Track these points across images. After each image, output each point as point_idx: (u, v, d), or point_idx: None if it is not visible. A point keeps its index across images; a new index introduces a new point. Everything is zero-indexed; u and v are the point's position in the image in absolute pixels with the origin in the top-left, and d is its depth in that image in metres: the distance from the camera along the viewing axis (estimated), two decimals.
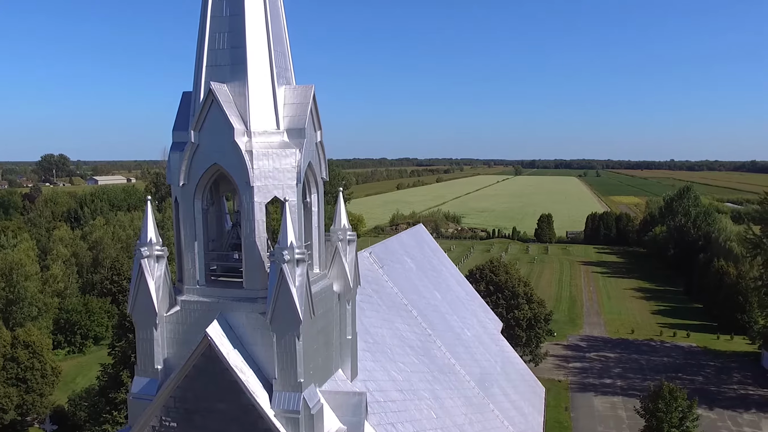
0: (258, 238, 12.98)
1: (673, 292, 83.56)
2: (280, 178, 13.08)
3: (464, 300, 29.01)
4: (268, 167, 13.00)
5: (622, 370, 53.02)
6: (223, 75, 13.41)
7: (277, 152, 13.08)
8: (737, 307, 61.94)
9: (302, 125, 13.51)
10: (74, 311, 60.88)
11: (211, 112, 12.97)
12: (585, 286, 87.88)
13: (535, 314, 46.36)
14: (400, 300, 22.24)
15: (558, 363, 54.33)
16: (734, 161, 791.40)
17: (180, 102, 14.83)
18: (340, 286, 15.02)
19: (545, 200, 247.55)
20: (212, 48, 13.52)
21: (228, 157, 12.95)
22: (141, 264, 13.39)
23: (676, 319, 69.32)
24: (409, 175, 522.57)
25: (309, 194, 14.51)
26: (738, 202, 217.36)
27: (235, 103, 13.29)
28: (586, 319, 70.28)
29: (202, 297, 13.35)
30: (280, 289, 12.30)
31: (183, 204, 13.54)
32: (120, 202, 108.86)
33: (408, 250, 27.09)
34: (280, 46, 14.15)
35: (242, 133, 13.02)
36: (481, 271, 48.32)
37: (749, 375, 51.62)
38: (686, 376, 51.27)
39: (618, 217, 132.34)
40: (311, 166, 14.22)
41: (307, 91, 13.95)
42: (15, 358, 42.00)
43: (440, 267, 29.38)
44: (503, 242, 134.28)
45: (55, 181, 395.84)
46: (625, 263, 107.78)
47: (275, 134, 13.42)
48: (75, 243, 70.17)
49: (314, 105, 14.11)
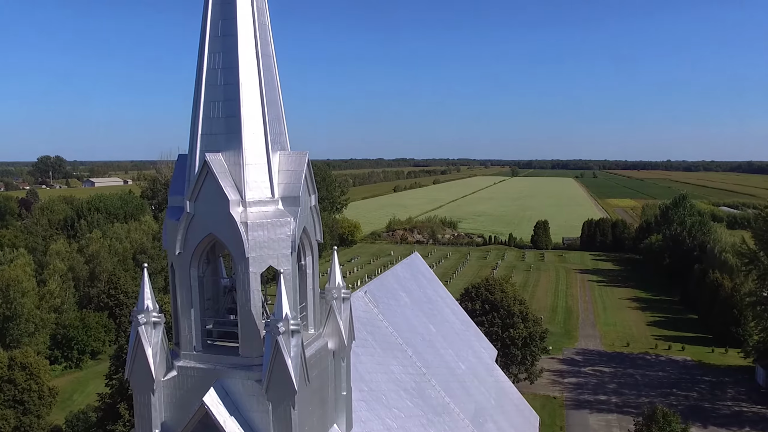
0: (254, 306, 13.18)
1: (669, 302, 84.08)
2: (275, 248, 13.28)
3: (459, 330, 29.26)
4: (263, 237, 13.17)
5: (617, 386, 53.36)
6: (218, 143, 13.58)
7: (272, 222, 13.27)
8: (732, 320, 62.46)
9: (297, 193, 13.73)
10: (71, 327, 60.94)
11: (206, 183, 13.15)
12: (581, 296, 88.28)
13: (530, 333, 46.65)
14: (395, 340, 22.46)
15: (553, 378, 54.63)
16: (730, 161, 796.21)
17: (176, 164, 15.05)
18: (334, 344, 15.24)
19: (542, 204, 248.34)
20: (207, 116, 13.70)
21: (223, 227, 13.14)
22: (138, 331, 13.55)
23: (671, 331, 69.78)
24: (405, 176, 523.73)
25: (304, 257, 14.72)
26: (734, 206, 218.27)
27: (230, 172, 13.47)
28: (582, 331, 70.63)
29: (198, 363, 13.55)
30: (275, 360, 12.51)
31: (179, 271, 13.71)
32: (117, 210, 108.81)
33: (403, 283, 27.32)
34: (275, 111, 14.33)
35: (237, 203, 13.19)
36: (477, 289, 48.60)
37: (743, 391, 52.01)
38: (680, 392, 51.65)
39: (614, 223, 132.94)
40: (306, 231, 14.42)
41: (301, 158, 14.16)
42: (12, 380, 42.06)
43: (435, 297, 29.61)
44: (500, 249, 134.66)
45: (51, 183, 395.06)
46: (620, 271, 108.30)
47: (270, 203, 13.62)
48: (72, 256, 70.17)
49: (308, 171, 14.29)
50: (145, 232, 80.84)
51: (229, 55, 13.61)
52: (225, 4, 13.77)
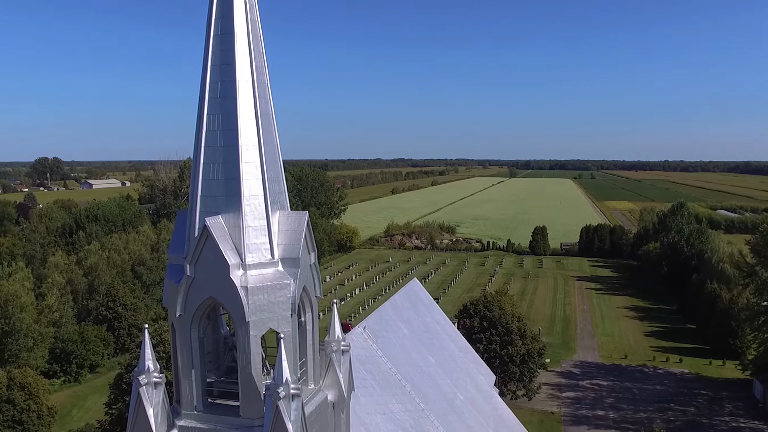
0: (254, 369, 13.26)
1: (667, 311, 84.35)
2: (275, 311, 13.35)
3: (457, 357, 29.40)
4: (264, 301, 13.24)
5: (614, 400, 53.55)
6: (217, 205, 13.64)
7: (272, 285, 13.33)
8: (730, 332, 62.69)
9: (297, 254, 13.80)
10: (70, 340, 60.95)
11: (206, 247, 13.22)
12: (579, 305, 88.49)
13: (528, 350, 46.81)
14: (394, 376, 22.57)
15: (552, 392, 54.80)
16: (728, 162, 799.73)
17: (176, 221, 15.12)
18: (334, 396, 15.35)
19: (540, 206, 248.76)
20: (207, 178, 13.74)
21: (224, 291, 13.19)
22: (139, 392, 13.60)
23: (669, 342, 70.02)
24: (404, 177, 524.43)
25: (303, 314, 14.76)
26: (732, 209, 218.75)
27: (230, 234, 13.53)
28: (580, 342, 70.82)
29: (199, 423, 13.63)
30: (276, 424, 12.58)
31: (180, 333, 13.78)
32: (115, 218, 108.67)
33: (402, 313, 27.45)
34: (275, 171, 14.39)
35: (238, 267, 13.26)
36: (475, 306, 48.76)
37: (741, 405, 52.23)
38: (678, 407, 51.86)
39: (612, 229, 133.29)
40: (306, 289, 14.50)
41: (301, 218, 14.22)
42: (11, 400, 42.10)
43: (434, 325, 29.76)
44: (498, 254, 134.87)
45: (49, 185, 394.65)
46: (618, 278, 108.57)
47: (270, 264, 13.68)
48: (70, 269, 70.15)
49: (308, 230, 14.36)
50: (143, 242, 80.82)
51: (228, 117, 13.65)
52: (224, 66, 13.85)
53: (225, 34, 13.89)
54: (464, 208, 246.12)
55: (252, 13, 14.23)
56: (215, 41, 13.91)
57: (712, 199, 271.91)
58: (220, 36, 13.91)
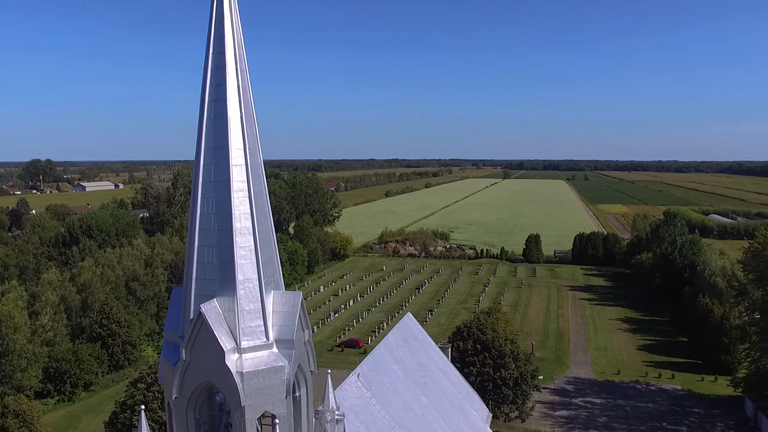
0: None
1: (659, 323, 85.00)
2: (270, 394, 13.52)
3: (450, 394, 29.65)
4: (259, 385, 13.40)
5: (607, 419, 53.97)
6: (212, 288, 13.77)
7: (267, 369, 13.46)
8: (722, 347, 63.27)
9: (291, 336, 13.93)
10: (63, 360, 60.71)
11: (201, 332, 13.37)
12: (572, 317, 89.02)
13: (521, 372, 47.14)
14: (388, 423, 22.77)
15: (545, 411, 55.16)
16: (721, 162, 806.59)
17: (170, 299, 15.19)
18: None
19: (533, 211, 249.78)
20: (201, 261, 13.87)
21: (219, 376, 13.36)
22: None
23: (661, 356, 70.58)
24: (397, 178, 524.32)
25: (298, 389, 14.90)
26: (724, 213, 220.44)
27: (225, 318, 13.66)
28: (573, 356, 71.29)
29: None
30: None
31: (176, 414, 13.90)
32: (108, 228, 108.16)
33: (395, 353, 27.67)
34: (268, 252, 14.46)
35: (233, 351, 13.42)
36: (469, 329, 49.05)
37: (732, 424, 52.75)
38: (670, 426, 52.35)
39: (605, 237, 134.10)
40: (300, 366, 14.64)
41: (295, 299, 14.33)
42: (5, 428, 41.94)
43: (427, 362, 30.00)
44: (492, 262, 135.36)
45: (42, 188, 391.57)
46: (611, 288, 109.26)
47: (265, 347, 13.79)
48: (64, 285, 69.87)
49: (302, 310, 14.51)
50: (137, 257, 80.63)
51: (222, 201, 13.77)
52: (218, 150, 13.94)
53: (218, 117, 14.00)
54: (458, 213, 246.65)
55: (245, 96, 14.30)
56: (208, 124, 14.04)
57: (705, 202, 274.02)
58: (214, 119, 14.04)
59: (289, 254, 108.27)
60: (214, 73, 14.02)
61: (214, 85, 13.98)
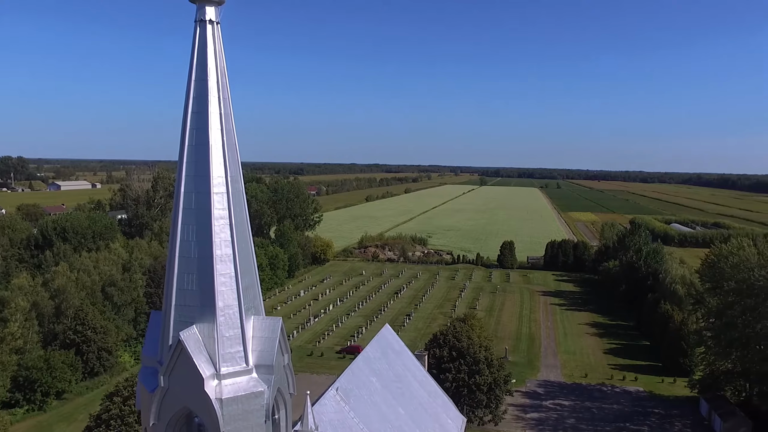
0: None
1: (624, 327, 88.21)
2: (250, 419, 13.68)
3: (426, 405, 30.94)
4: (238, 410, 13.54)
5: (575, 421, 56.11)
6: (192, 315, 13.91)
7: (247, 395, 13.61)
8: (680, 351, 66.43)
9: (271, 361, 14.10)
10: (34, 368, 59.32)
11: (180, 359, 13.47)
12: (543, 321, 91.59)
13: (495, 378, 48.83)
14: None
15: (517, 414, 57.00)
16: (682, 173, 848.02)
17: (149, 322, 15.41)
18: None
19: (509, 217, 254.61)
20: (181, 287, 13.98)
21: (198, 402, 13.49)
22: None
23: (625, 359, 73.43)
24: (378, 183, 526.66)
25: (277, 411, 15.10)
26: (685, 222, 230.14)
27: (204, 345, 13.73)
28: (544, 360, 73.55)
29: None
30: None
31: None
32: (84, 230, 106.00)
33: (373, 365, 28.86)
34: (249, 279, 14.69)
35: (212, 378, 13.54)
36: (445, 336, 50.60)
37: (689, 423, 55.53)
38: (633, 427, 54.77)
39: (575, 245, 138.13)
40: (280, 390, 14.84)
41: (275, 324, 14.58)
42: None
43: (404, 373, 31.23)
44: (468, 268, 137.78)
45: (13, 186, 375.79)
46: (581, 293, 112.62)
47: (244, 372, 13.93)
48: (36, 291, 68.66)
49: (282, 335, 14.71)
50: (114, 262, 79.83)
51: (203, 229, 13.95)
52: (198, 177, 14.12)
53: (200, 144, 14.21)
54: (436, 218, 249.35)
55: (227, 123, 14.51)
56: (189, 152, 14.18)
57: (668, 212, 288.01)
58: (195, 146, 14.21)
59: (270, 259, 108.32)
60: (195, 100, 14.11)
61: (196, 112, 14.08)
